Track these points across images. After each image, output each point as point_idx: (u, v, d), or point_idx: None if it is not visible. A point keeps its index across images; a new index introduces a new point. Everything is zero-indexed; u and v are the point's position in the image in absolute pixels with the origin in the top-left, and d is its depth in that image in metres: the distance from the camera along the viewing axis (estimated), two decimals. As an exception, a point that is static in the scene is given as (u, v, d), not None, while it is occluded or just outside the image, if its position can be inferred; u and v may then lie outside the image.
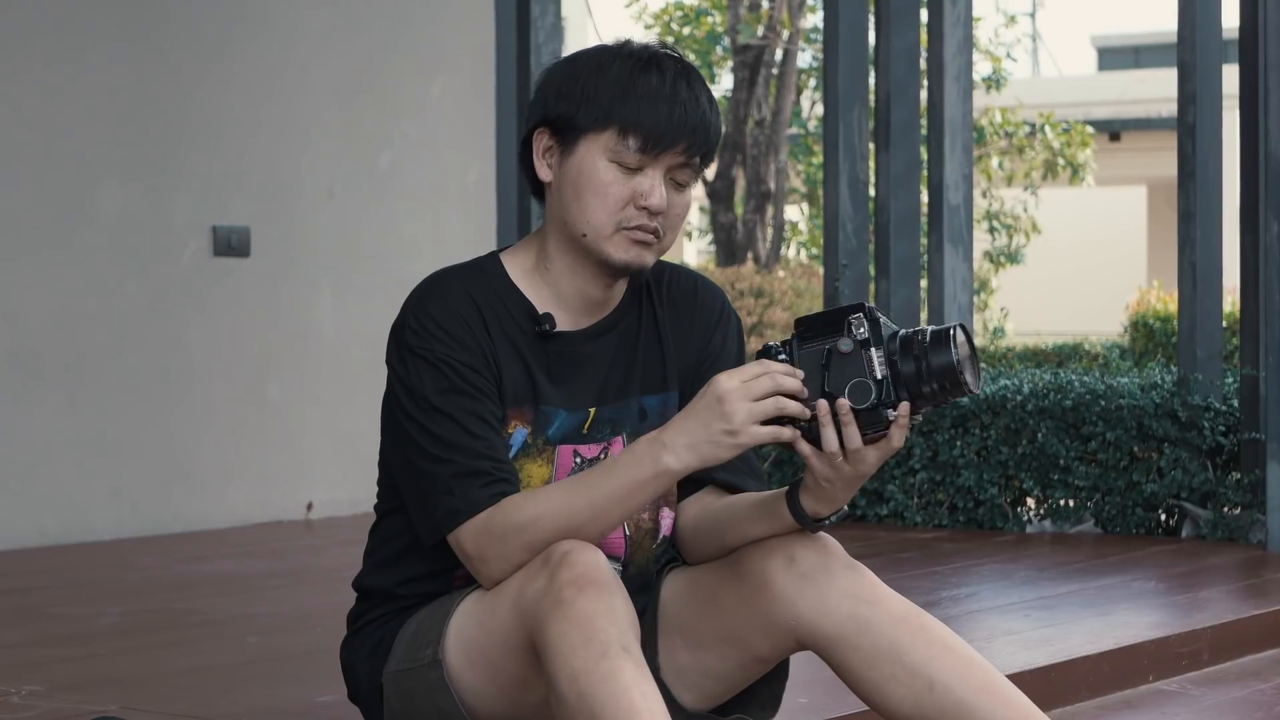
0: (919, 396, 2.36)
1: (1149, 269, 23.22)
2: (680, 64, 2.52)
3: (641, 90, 2.47)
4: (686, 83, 2.50)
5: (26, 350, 5.80)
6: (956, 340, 2.36)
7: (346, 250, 6.65)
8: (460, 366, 2.46)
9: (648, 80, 2.48)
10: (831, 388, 2.37)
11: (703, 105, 2.50)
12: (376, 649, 2.59)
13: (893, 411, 2.36)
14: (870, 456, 2.38)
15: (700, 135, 2.49)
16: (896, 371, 2.36)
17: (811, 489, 2.44)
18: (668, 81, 2.48)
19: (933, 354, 2.36)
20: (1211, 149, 6.23)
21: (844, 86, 6.57)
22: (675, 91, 2.48)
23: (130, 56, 6.08)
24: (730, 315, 2.68)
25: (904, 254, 6.59)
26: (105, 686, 3.56)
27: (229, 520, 6.28)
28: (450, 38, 6.99)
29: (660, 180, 2.49)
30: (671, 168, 2.50)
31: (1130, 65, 29.00)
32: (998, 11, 31.87)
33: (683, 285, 2.66)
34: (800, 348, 2.40)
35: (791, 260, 17.91)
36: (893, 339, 2.38)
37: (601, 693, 2.25)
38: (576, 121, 2.49)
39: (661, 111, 2.47)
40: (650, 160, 2.48)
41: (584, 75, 2.50)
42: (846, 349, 2.37)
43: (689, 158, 2.50)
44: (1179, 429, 6.04)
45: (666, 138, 2.47)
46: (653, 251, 2.53)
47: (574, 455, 2.56)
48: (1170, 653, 4.17)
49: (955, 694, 2.43)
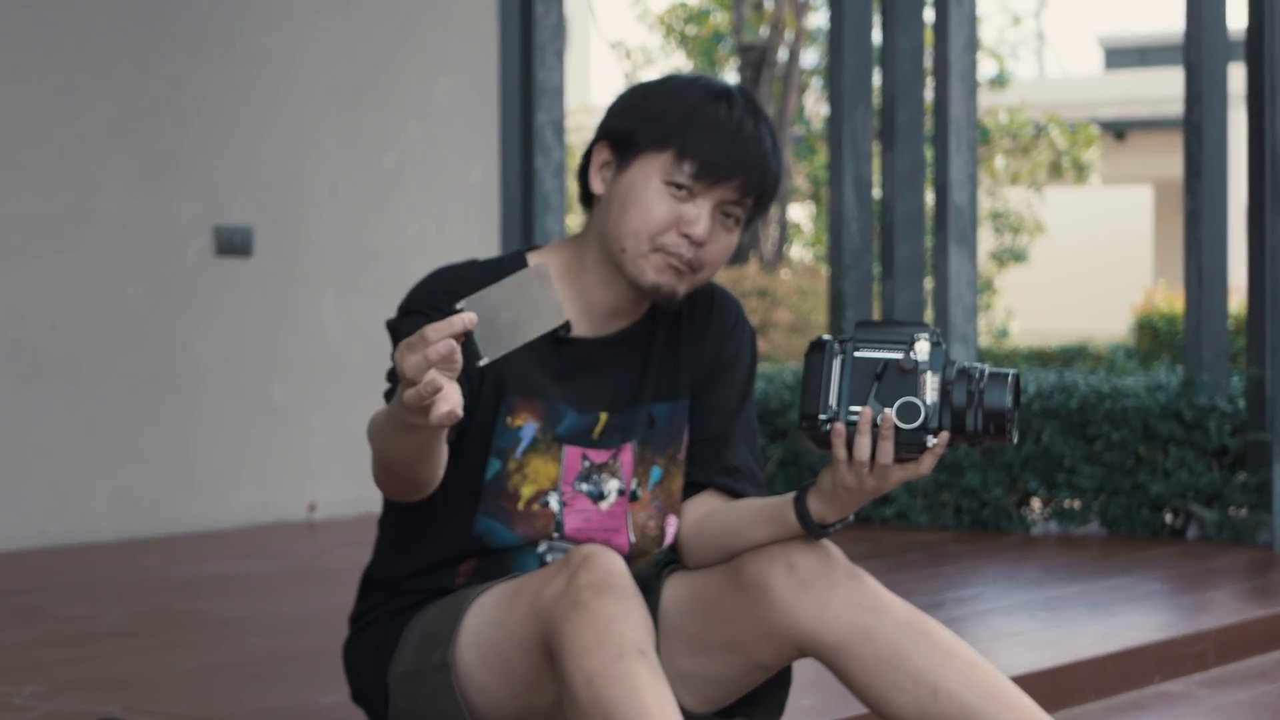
0: (960, 431, 2.36)
1: (1155, 269, 23.23)
2: (752, 104, 2.53)
3: (705, 118, 2.48)
4: (754, 121, 2.51)
5: (29, 350, 5.80)
6: (1012, 386, 2.36)
7: (349, 250, 6.65)
8: None
9: (715, 110, 2.49)
10: (879, 399, 2.37)
11: (766, 146, 2.51)
12: (380, 648, 2.59)
13: (933, 438, 2.36)
14: (894, 475, 2.38)
15: (757, 173, 2.50)
16: (948, 400, 2.36)
17: (825, 493, 2.43)
18: (735, 116, 2.49)
19: (989, 393, 2.36)
20: (1218, 149, 6.22)
21: (849, 86, 6.56)
22: (740, 127, 2.49)
23: (134, 57, 6.07)
24: (744, 327, 2.68)
25: (909, 254, 6.58)
26: (108, 687, 3.55)
27: (232, 521, 6.27)
28: (454, 38, 6.98)
29: (709, 212, 2.49)
30: (723, 202, 2.50)
31: (1136, 65, 29.01)
32: (1003, 11, 31.87)
33: (701, 295, 2.67)
34: (857, 350, 2.40)
35: (796, 260, 17.92)
36: (949, 367, 2.38)
37: (616, 694, 2.25)
38: (637, 138, 2.50)
39: (722, 142, 2.48)
40: (702, 189, 2.49)
41: (653, 97, 2.52)
42: (909, 366, 2.37)
43: (742, 195, 2.50)
44: (1185, 430, 6.03)
45: (722, 169, 2.48)
46: (685, 282, 2.52)
47: (582, 458, 2.56)
48: (1176, 654, 4.16)
49: (959, 699, 2.42)
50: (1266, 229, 5.94)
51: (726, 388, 2.63)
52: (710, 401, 2.63)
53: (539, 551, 2.55)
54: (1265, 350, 5.94)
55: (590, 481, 2.56)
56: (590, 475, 2.56)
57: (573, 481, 2.55)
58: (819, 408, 2.40)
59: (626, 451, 2.58)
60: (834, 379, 2.40)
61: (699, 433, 2.62)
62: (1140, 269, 23.57)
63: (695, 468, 2.62)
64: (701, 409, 2.62)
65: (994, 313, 17.16)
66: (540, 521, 2.54)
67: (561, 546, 2.56)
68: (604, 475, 2.57)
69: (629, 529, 2.58)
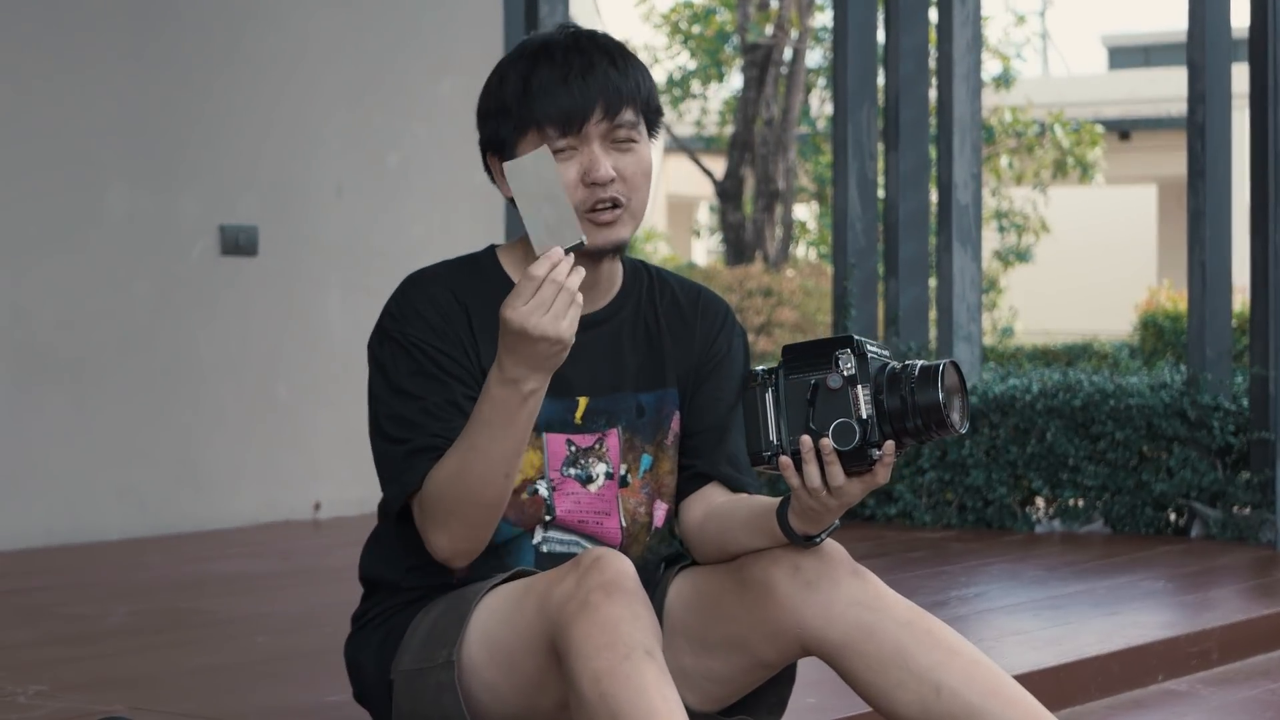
0: (904, 433, 2.36)
1: (1159, 268, 23.20)
2: (571, 40, 2.54)
3: (536, 86, 2.50)
4: (580, 55, 2.52)
5: (35, 349, 5.81)
6: (945, 378, 2.35)
7: (355, 250, 6.65)
8: (431, 350, 2.50)
9: (540, 74, 2.51)
10: (816, 424, 2.37)
11: (601, 68, 2.51)
12: (383, 645, 2.59)
13: (877, 450, 2.36)
14: (854, 489, 2.39)
15: (611, 95, 2.51)
16: (882, 409, 2.36)
17: (798, 513, 2.46)
18: (558, 66, 2.51)
19: (919, 391, 2.35)
20: (1221, 148, 6.22)
21: (853, 85, 6.57)
22: (567, 71, 2.50)
23: (139, 56, 6.08)
24: (734, 324, 2.70)
25: (913, 253, 6.58)
26: (113, 686, 3.56)
27: (237, 520, 6.28)
28: (459, 37, 6.98)
29: (600, 151, 2.51)
30: (605, 135, 2.52)
31: (1140, 64, 28.98)
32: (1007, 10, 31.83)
33: (686, 291, 2.69)
34: (786, 377, 2.41)
35: (800, 259, 17.92)
36: (880, 373, 2.38)
37: (624, 694, 2.26)
38: (502, 136, 2.54)
39: (561, 97, 2.49)
40: (577, 139, 2.51)
41: (492, 92, 2.55)
42: (835, 385, 2.37)
43: (612, 121, 2.52)
44: (1188, 428, 6.03)
45: (576, 116, 2.50)
46: (621, 222, 2.54)
47: (568, 444, 2.57)
48: (1180, 653, 4.16)
49: (963, 697, 2.42)
50: (1270, 228, 5.94)
51: (722, 380, 2.65)
52: (706, 395, 2.64)
53: (535, 542, 2.56)
54: (1269, 349, 5.94)
55: (577, 466, 2.57)
56: (577, 460, 2.57)
57: (559, 467, 2.57)
58: (761, 445, 2.42)
59: (612, 436, 2.59)
60: (770, 412, 2.42)
61: (698, 424, 2.63)
62: (1144, 268, 23.55)
63: (699, 459, 2.62)
64: (698, 402, 2.64)
65: (999, 312, 17.15)
66: (531, 509, 2.55)
67: (557, 537, 2.56)
68: (590, 459, 2.58)
69: (620, 514, 2.59)
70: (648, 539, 2.63)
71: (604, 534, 2.57)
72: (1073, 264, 23.66)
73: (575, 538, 2.57)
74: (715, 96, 19.67)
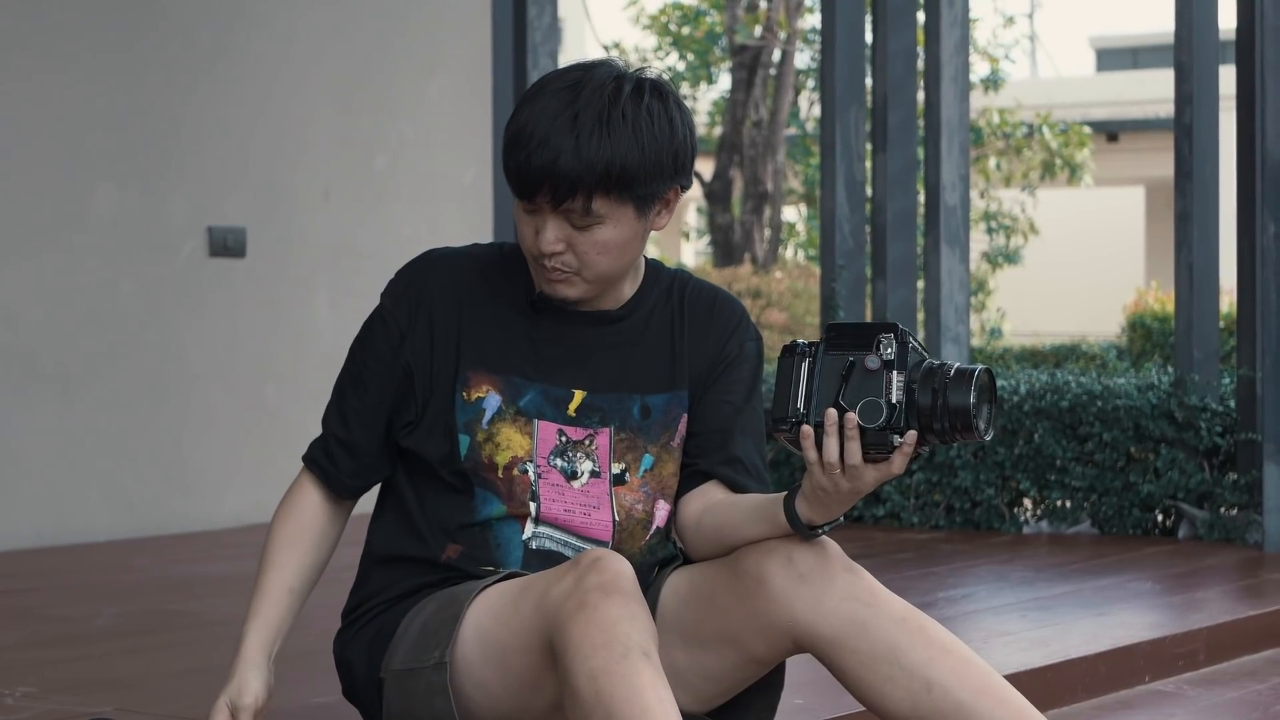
0: (928, 430, 2.36)
1: (1147, 269, 23.23)
2: (568, 92, 2.44)
3: (510, 136, 2.46)
4: (556, 119, 2.42)
5: (22, 351, 5.80)
6: (979, 383, 2.35)
7: (343, 251, 6.65)
8: (384, 330, 2.62)
9: (517, 122, 2.45)
10: (846, 400, 2.38)
11: (561, 146, 2.40)
12: (373, 643, 2.59)
13: (899, 438, 2.36)
14: (868, 475, 2.38)
15: (559, 181, 2.41)
16: (912, 400, 2.36)
17: (808, 496, 2.45)
18: (528, 128, 2.43)
19: (952, 392, 2.35)
20: (1209, 150, 6.23)
21: (841, 87, 6.57)
22: (529, 140, 2.42)
23: (126, 57, 6.08)
24: (748, 327, 2.69)
25: (901, 255, 6.59)
26: (100, 687, 3.55)
27: (225, 521, 6.28)
28: (447, 38, 6.98)
29: (549, 223, 2.47)
30: (558, 210, 2.47)
31: (1128, 66, 29.03)
32: (995, 12, 31.89)
33: (703, 293, 2.68)
34: (826, 352, 2.41)
35: (789, 261, 17.92)
36: (917, 367, 2.38)
37: (619, 692, 2.26)
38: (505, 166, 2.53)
39: (520, 159, 2.44)
40: (531, 205, 2.48)
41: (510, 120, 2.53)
42: (872, 366, 2.37)
43: (556, 204, 2.45)
44: (1176, 430, 6.04)
45: (525, 187, 2.46)
46: (570, 283, 2.52)
47: (559, 434, 2.57)
48: (1167, 653, 4.17)
49: (953, 695, 2.43)
50: (1257, 230, 5.95)
51: (730, 383, 2.64)
52: (713, 396, 2.63)
53: (524, 538, 2.56)
54: (1255, 351, 5.95)
55: (565, 458, 2.57)
56: (565, 451, 2.57)
57: (547, 455, 2.56)
58: (787, 411, 2.42)
59: (603, 436, 2.59)
60: (802, 382, 2.42)
61: (703, 425, 2.63)
62: (1132, 269, 23.58)
63: (700, 458, 2.62)
64: (705, 403, 2.63)
65: (987, 313, 17.16)
66: (519, 488, 2.55)
67: (547, 534, 2.56)
68: (578, 454, 2.57)
69: (612, 508, 2.59)
70: (646, 537, 2.63)
71: (592, 527, 2.57)
72: (1061, 265, 23.70)
73: (566, 536, 2.57)
74: (704, 98, 19.69)
